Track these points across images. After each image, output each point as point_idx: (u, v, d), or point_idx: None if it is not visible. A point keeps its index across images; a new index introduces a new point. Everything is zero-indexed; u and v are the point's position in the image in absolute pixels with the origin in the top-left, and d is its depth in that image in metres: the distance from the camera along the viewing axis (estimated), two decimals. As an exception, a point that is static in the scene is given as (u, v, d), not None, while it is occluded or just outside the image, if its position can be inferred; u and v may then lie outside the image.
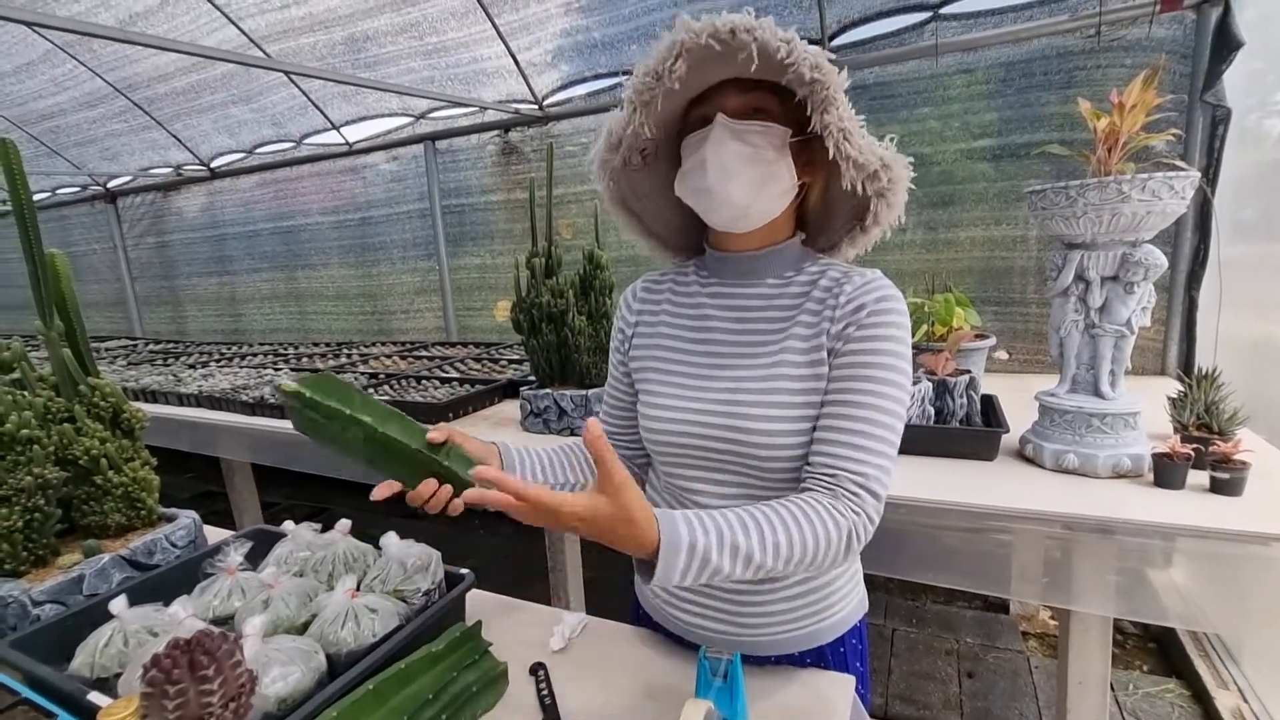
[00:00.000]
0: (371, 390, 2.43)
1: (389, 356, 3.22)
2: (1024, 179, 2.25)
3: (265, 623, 0.78)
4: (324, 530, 1.06)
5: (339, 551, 0.99)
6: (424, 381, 2.55)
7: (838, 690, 0.84)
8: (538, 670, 0.89)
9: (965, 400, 1.64)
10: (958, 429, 1.57)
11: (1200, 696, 1.87)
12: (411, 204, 3.70)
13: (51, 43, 3.49)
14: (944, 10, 2.16)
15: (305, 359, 3.39)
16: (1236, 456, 1.25)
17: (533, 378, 2.09)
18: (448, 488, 0.78)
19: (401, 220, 3.77)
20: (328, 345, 3.85)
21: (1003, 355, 2.33)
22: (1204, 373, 1.49)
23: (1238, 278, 1.94)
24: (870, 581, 1.00)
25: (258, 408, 2.36)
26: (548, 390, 1.93)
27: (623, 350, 0.96)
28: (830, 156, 0.74)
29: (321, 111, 3.54)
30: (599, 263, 1.97)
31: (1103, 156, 1.32)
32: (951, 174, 2.39)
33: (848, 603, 0.90)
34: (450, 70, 3.06)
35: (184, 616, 0.77)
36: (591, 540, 0.65)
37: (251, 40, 3.11)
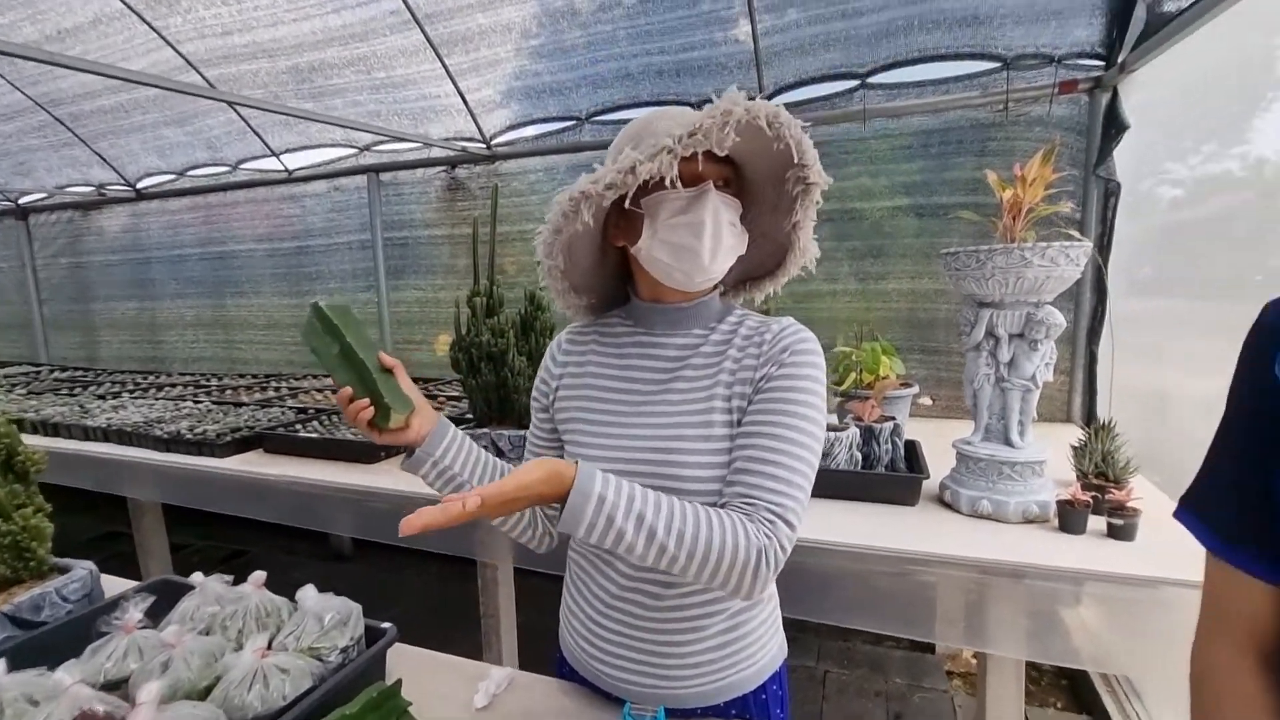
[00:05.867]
0: (299, 427, 2.34)
1: (320, 391, 3.11)
2: (946, 236, 2.41)
3: (163, 688, 0.73)
4: (236, 582, 1.01)
5: (250, 606, 0.94)
6: (357, 418, 2.47)
7: (761, 742, 0.85)
8: (459, 730, 0.86)
9: (890, 446, 1.71)
10: (882, 474, 1.63)
11: (1108, 732, 1.97)
12: (352, 235, 3.63)
13: (-35, 52, 3.30)
14: (870, 80, 2.32)
15: (230, 390, 3.23)
16: (1129, 504, 1.35)
17: (470, 416, 2.07)
18: (363, 403, 0.84)
19: (340, 251, 3.69)
20: (255, 377, 3.69)
21: (926, 401, 2.45)
22: (1101, 424, 1.61)
23: (1135, 332, 2.10)
24: (803, 623, 1.02)
25: (174, 444, 2.22)
26: (485, 430, 1.91)
27: (546, 401, 0.96)
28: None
29: (261, 138, 3.45)
30: (540, 304, 1.98)
31: (1008, 224, 1.44)
32: (880, 228, 2.53)
33: (769, 650, 0.92)
34: (397, 105, 3.06)
35: (70, 684, 0.71)
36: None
37: (189, 64, 3.03)
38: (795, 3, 2.16)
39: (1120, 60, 1.97)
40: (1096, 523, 1.38)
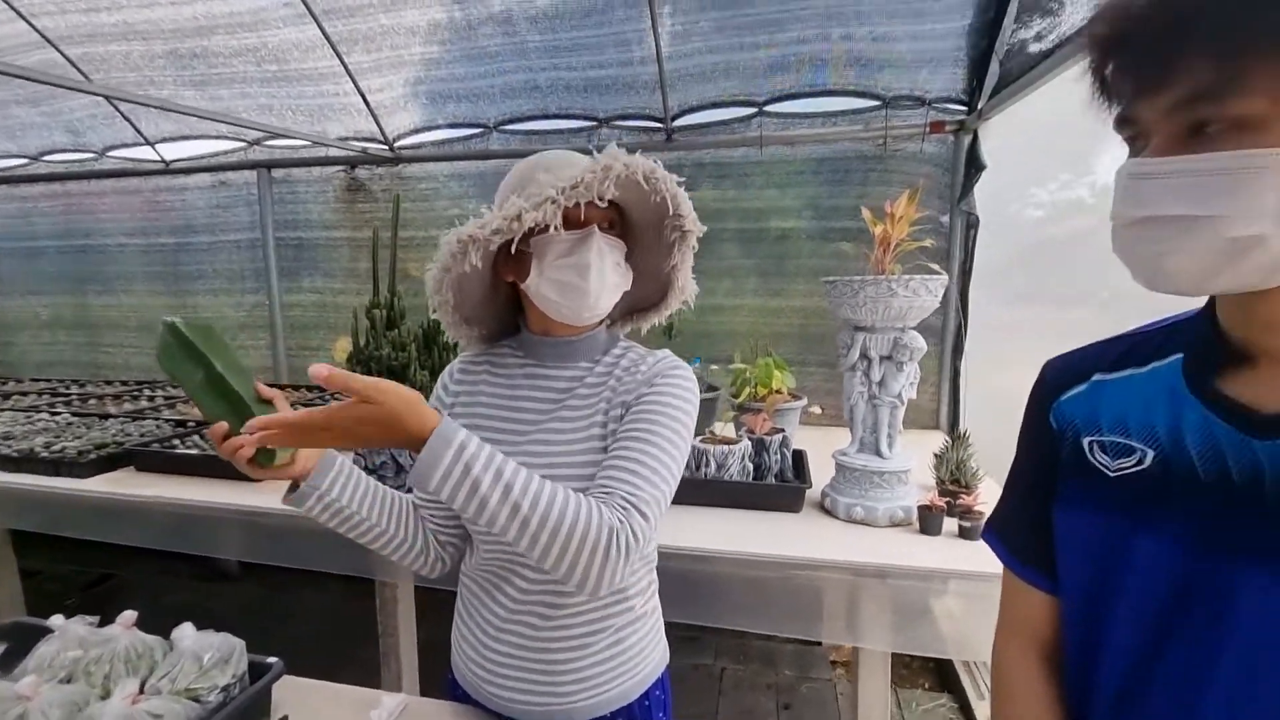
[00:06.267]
0: (177, 442, 2.18)
1: (203, 400, 2.90)
2: (836, 259, 2.59)
3: (17, 745, 0.69)
4: (104, 622, 0.96)
5: (119, 649, 0.89)
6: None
7: (645, 749, 0.91)
8: (349, 761, 0.87)
9: (779, 457, 1.83)
10: (771, 485, 1.75)
11: (964, 708, 2.20)
12: (240, 233, 3.40)
13: None
14: (767, 108, 2.46)
15: (94, 400, 2.95)
16: (976, 507, 1.54)
17: (369, 430, 2.01)
18: (241, 440, 0.78)
19: (226, 249, 3.45)
20: (124, 384, 3.39)
21: (816, 410, 2.62)
22: (958, 434, 1.80)
23: (1005, 340, 2.34)
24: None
25: (25, 462, 2.02)
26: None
27: None
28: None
29: (133, 124, 3.17)
30: (444, 317, 1.96)
31: (879, 256, 1.59)
32: (779, 247, 2.69)
33: (651, 659, 0.98)
34: (292, 101, 2.91)
35: (-96, 749, 0.66)
36: (366, 429, 0.71)
37: (46, 40, 2.74)
38: (697, 33, 2.26)
39: (980, 107, 2.20)
40: (951, 524, 1.55)
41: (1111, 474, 0.60)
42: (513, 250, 0.83)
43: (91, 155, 3.41)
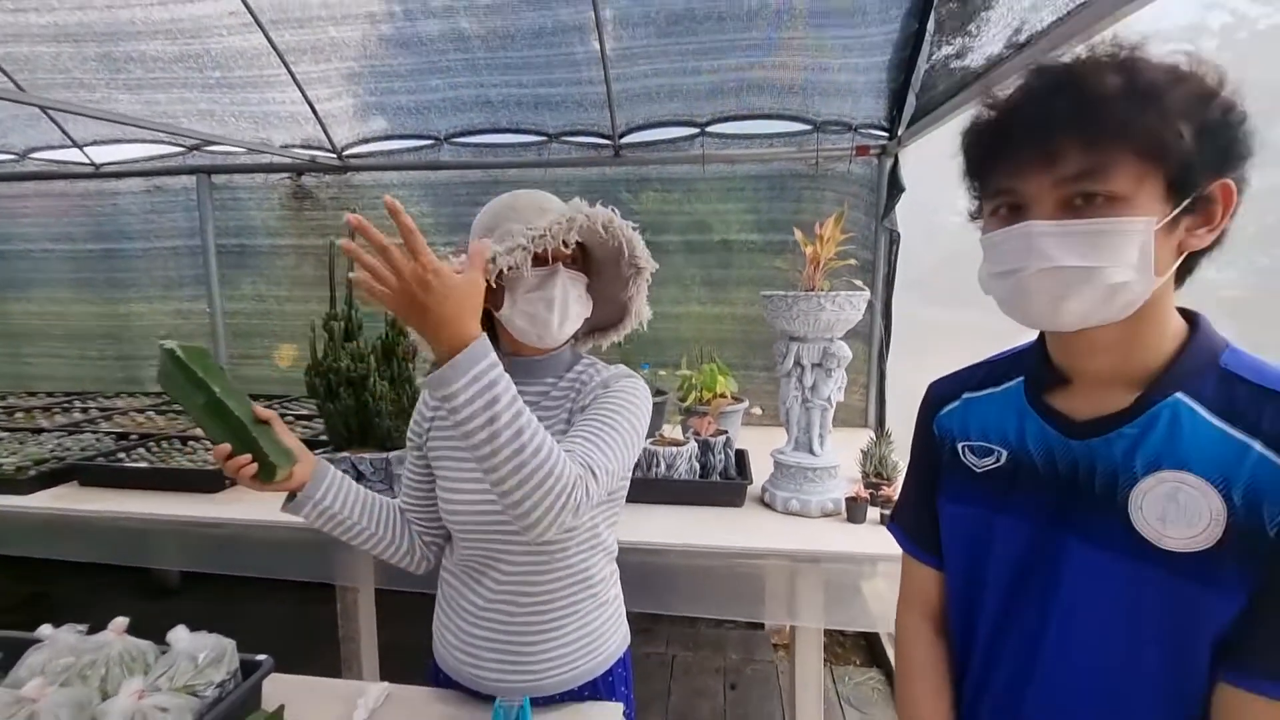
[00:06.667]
0: (123, 455, 2.16)
1: (141, 411, 2.84)
2: (774, 270, 2.78)
3: (37, 741, 0.75)
4: (91, 631, 1.01)
5: (113, 654, 0.95)
6: (191, 443, 2.32)
7: (609, 716, 1.03)
8: (341, 744, 0.95)
9: (723, 457, 1.99)
10: (716, 482, 1.91)
11: (891, 679, 2.42)
12: (177, 239, 3.32)
13: None
14: (709, 129, 2.62)
15: (21, 413, 2.83)
16: (895, 497, 1.73)
17: (324, 437, 2.05)
18: (245, 458, 0.89)
19: (162, 255, 3.36)
20: (50, 395, 3.25)
21: (757, 411, 2.80)
22: (882, 433, 2.00)
23: (930, 340, 2.57)
24: (656, 615, 1.20)
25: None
26: (345, 454, 1.92)
27: (420, 441, 1.09)
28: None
29: (59, 126, 3.05)
30: (402, 328, 2.02)
31: (809, 273, 1.76)
32: (723, 258, 2.85)
33: (614, 640, 1.10)
34: (236, 107, 2.87)
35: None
36: (412, 313, 0.75)
37: (-35, 38, 2.63)
38: (642, 57, 2.39)
39: (899, 135, 2.43)
40: (875, 513, 1.74)
41: (978, 471, 0.76)
42: (489, 284, 0.94)
43: (12, 157, 3.25)
